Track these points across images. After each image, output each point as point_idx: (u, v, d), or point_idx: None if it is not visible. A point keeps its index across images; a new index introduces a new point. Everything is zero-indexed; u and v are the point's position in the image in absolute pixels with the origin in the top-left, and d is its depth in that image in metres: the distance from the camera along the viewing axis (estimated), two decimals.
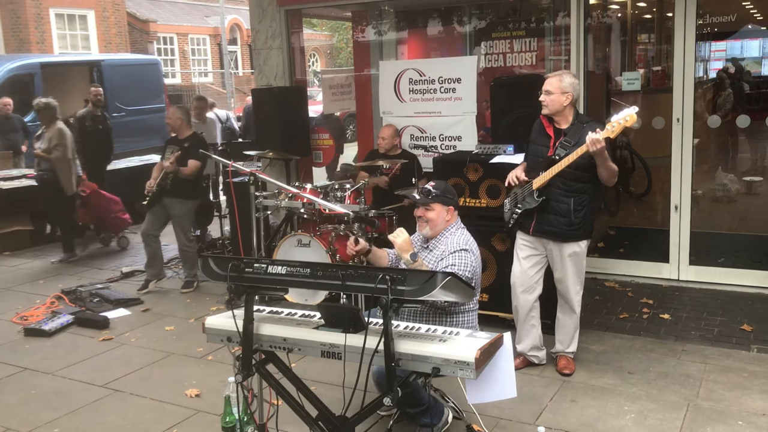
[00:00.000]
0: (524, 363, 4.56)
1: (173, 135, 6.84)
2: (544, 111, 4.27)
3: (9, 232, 8.40)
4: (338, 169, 8.19)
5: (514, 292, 4.50)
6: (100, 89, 9.50)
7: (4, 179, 8.75)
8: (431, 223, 3.72)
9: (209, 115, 12.13)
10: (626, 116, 3.91)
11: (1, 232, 8.32)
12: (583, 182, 4.21)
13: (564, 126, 4.25)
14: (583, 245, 4.33)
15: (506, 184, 4.46)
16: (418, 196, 3.79)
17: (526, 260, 4.42)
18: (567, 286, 4.38)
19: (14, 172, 9.34)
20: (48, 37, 19.81)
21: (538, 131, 4.39)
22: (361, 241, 3.73)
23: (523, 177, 4.35)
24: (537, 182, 4.25)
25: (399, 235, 3.55)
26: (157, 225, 6.58)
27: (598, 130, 3.95)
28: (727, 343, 4.82)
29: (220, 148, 8.42)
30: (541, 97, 4.24)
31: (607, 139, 3.99)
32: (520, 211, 4.37)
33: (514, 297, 4.52)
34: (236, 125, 12.63)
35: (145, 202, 6.43)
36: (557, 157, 4.16)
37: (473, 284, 3.56)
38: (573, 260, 4.32)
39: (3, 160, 10.02)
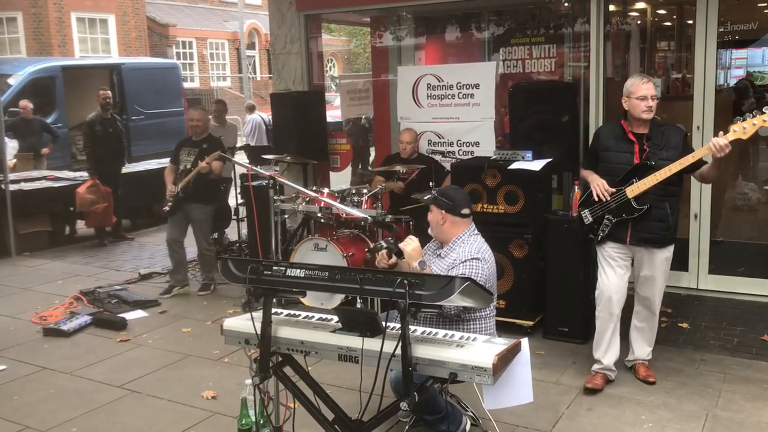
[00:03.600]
0: (604, 381, 4.33)
1: (189, 136, 6.85)
2: (648, 116, 4.09)
3: (29, 233, 8.49)
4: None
5: (607, 304, 4.29)
6: (109, 92, 9.22)
7: (25, 180, 8.86)
8: (430, 224, 3.79)
9: (250, 116, 12.18)
10: (765, 117, 3.69)
11: (21, 233, 8.40)
12: (675, 185, 4.15)
13: (644, 130, 4.15)
14: (672, 249, 4.29)
15: (595, 198, 4.23)
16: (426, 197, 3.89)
17: (620, 269, 4.28)
18: (655, 290, 4.30)
19: (35, 173, 9.46)
20: (69, 40, 20.04)
21: (615, 138, 4.23)
22: (394, 256, 3.63)
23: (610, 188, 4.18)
24: (634, 191, 4.09)
25: (409, 243, 3.56)
26: (180, 231, 6.58)
27: (721, 134, 3.79)
28: (747, 354, 4.76)
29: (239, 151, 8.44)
30: (649, 103, 4.05)
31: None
32: (612, 221, 4.20)
33: (604, 308, 4.31)
34: None
35: (167, 208, 6.43)
36: (651, 163, 4.05)
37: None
38: (665, 264, 4.27)
39: (23, 162, 10.14)
